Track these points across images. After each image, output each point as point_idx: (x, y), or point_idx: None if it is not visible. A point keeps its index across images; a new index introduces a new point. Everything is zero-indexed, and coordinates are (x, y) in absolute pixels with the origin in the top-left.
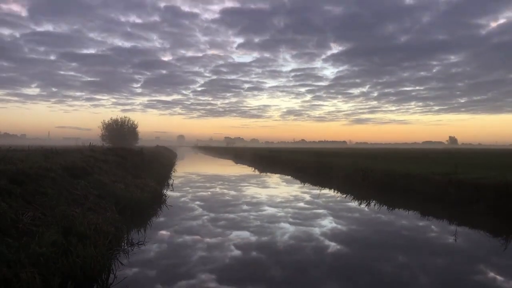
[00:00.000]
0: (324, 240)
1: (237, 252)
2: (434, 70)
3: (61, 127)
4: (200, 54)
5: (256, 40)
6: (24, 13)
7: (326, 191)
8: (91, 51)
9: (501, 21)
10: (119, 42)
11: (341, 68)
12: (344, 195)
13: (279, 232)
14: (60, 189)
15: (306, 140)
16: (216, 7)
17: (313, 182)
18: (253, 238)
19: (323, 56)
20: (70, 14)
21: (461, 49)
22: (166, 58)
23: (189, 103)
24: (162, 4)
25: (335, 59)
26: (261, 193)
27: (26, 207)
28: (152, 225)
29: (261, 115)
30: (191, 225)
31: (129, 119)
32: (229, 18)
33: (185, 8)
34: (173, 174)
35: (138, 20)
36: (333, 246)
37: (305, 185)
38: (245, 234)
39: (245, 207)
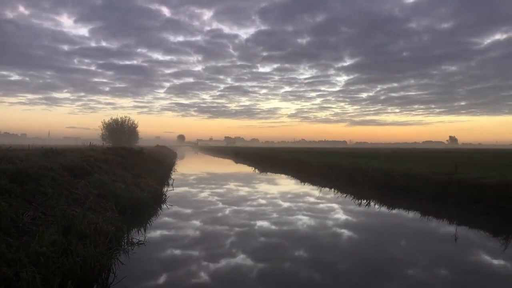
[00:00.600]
0: (335, 229)
1: (235, 258)
2: (435, 79)
3: (71, 127)
4: (228, 65)
5: (280, 54)
6: (86, 34)
7: (325, 188)
8: (131, 62)
9: (491, 40)
10: (159, 55)
11: (351, 76)
12: (340, 193)
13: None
14: (60, 189)
15: (306, 140)
16: (252, 29)
17: (313, 181)
18: (248, 243)
19: (336, 66)
20: (126, 34)
21: (458, 62)
22: (197, 68)
23: (204, 105)
24: (208, 28)
25: (347, 69)
26: (260, 192)
27: (26, 207)
28: (153, 225)
29: (269, 116)
30: (191, 225)
31: (129, 118)
32: (261, 38)
33: (226, 30)
34: (173, 173)
35: (182, 39)
36: (344, 233)
37: (305, 184)
38: (242, 237)
39: (235, 208)
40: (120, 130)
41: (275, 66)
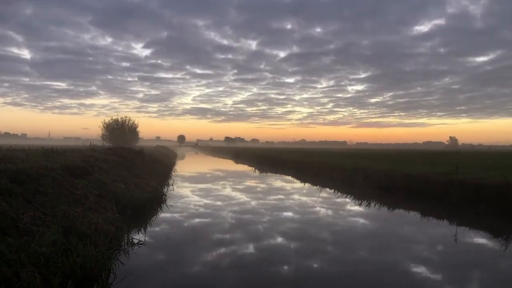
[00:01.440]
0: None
1: (236, 258)
2: (437, 88)
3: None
4: (257, 77)
5: (305, 69)
6: (146, 53)
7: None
8: (168, 75)
9: (487, 58)
10: (198, 69)
11: (363, 86)
12: (334, 191)
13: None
14: (61, 189)
15: (307, 140)
16: (287, 52)
17: (313, 181)
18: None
19: (351, 78)
20: (181, 55)
21: (457, 75)
22: (228, 78)
23: (225, 109)
24: (253, 49)
25: (360, 80)
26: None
27: (26, 207)
28: (153, 225)
29: (281, 118)
30: (191, 225)
31: (130, 118)
32: (293, 58)
33: (266, 50)
34: (173, 174)
35: (224, 56)
36: (354, 221)
37: (305, 184)
38: (234, 244)
39: (235, 208)
40: (120, 130)
41: (298, 78)
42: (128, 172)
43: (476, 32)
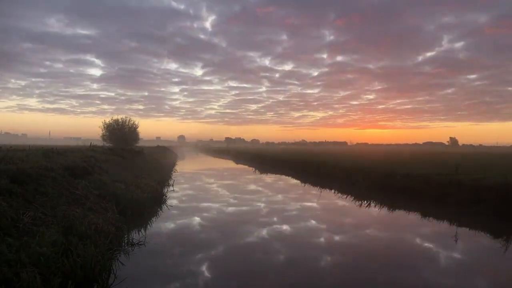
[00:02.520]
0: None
1: (227, 261)
2: (439, 96)
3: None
4: (285, 89)
5: (328, 83)
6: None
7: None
8: (211, 87)
9: (478, 75)
10: (236, 83)
11: (375, 96)
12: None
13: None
14: (61, 189)
15: (307, 141)
16: (317, 71)
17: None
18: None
19: (366, 88)
20: (228, 72)
21: (454, 86)
22: (260, 89)
23: (245, 113)
24: (288, 69)
25: (373, 91)
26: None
27: (26, 207)
28: (153, 225)
29: (293, 122)
30: (191, 225)
31: (130, 119)
32: (320, 76)
33: (301, 71)
34: (173, 174)
35: (263, 74)
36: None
37: (306, 185)
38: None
39: (235, 209)
40: (120, 130)
41: (321, 89)
42: (128, 172)
43: (461, 61)
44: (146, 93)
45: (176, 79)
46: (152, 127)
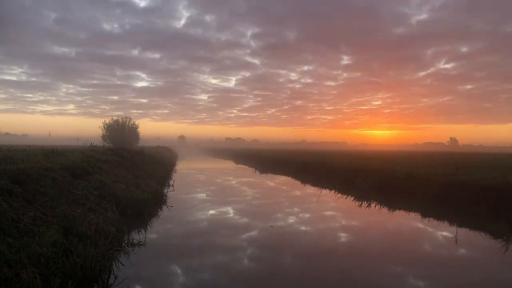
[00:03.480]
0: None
1: (227, 261)
2: (439, 102)
3: None
4: (305, 97)
5: (342, 92)
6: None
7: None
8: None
9: (471, 86)
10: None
11: (381, 102)
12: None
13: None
14: (61, 189)
15: (307, 141)
16: (335, 83)
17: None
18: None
19: (375, 96)
20: (257, 85)
21: (451, 94)
22: (281, 97)
23: (262, 116)
24: (309, 82)
25: (380, 98)
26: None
27: (27, 207)
28: (153, 226)
29: (304, 124)
30: (191, 225)
31: (130, 119)
32: (338, 87)
33: (323, 83)
34: (173, 174)
35: (287, 85)
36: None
37: (306, 185)
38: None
39: (235, 209)
40: (120, 130)
41: (336, 95)
42: (129, 172)
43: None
44: (176, 100)
45: (210, 89)
46: (152, 127)
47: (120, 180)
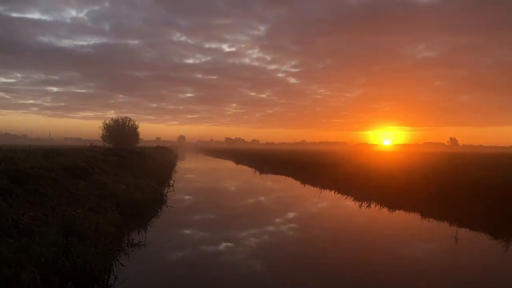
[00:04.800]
0: None
1: (227, 261)
2: (440, 106)
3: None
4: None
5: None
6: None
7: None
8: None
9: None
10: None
11: (387, 109)
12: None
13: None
14: (61, 189)
15: (307, 141)
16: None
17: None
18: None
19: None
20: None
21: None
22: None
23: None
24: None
25: (384, 100)
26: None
27: (27, 207)
28: (153, 226)
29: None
30: (191, 226)
31: (130, 119)
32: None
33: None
34: (173, 174)
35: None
36: None
37: (305, 186)
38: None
39: (234, 210)
40: (120, 130)
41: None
42: (129, 172)
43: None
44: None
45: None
46: (152, 127)
47: (120, 180)
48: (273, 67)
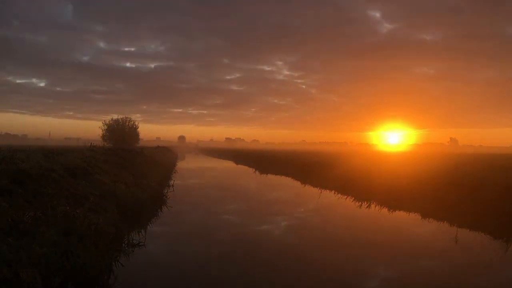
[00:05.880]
0: None
1: (226, 261)
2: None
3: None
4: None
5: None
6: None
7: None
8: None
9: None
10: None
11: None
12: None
13: None
14: (61, 189)
15: (307, 141)
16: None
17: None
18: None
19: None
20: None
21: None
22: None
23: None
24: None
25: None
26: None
27: (27, 207)
28: (153, 226)
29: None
30: (191, 226)
31: (130, 119)
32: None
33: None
34: (173, 174)
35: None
36: None
37: (306, 186)
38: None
39: (234, 210)
40: (120, 130)
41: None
42: (129, 173)
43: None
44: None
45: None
46: (151, 128)
47: (120, 180)
48: (298, 80)
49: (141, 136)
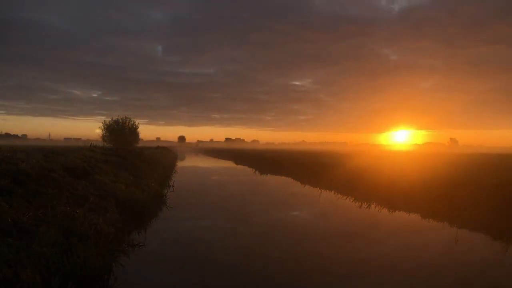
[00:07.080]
0: None
1: (226, 261)
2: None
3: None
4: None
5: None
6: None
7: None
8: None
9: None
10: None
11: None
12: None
13: None
14: (61, 190)
15: (307, 141)
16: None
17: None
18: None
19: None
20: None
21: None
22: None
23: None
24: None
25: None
26: None
27: (27, 207)
28: (153, 226)
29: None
30: (191, 225)
31: (130, 119)
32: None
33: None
34: (173, 174)
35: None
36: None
37: (305, 186)
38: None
39: (234, 210)
40: (120, 131)
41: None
42: (129, 173)
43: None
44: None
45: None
46: (153, 128)
47: (120, 180)
48: (318, 91)
49: (141, 136)
